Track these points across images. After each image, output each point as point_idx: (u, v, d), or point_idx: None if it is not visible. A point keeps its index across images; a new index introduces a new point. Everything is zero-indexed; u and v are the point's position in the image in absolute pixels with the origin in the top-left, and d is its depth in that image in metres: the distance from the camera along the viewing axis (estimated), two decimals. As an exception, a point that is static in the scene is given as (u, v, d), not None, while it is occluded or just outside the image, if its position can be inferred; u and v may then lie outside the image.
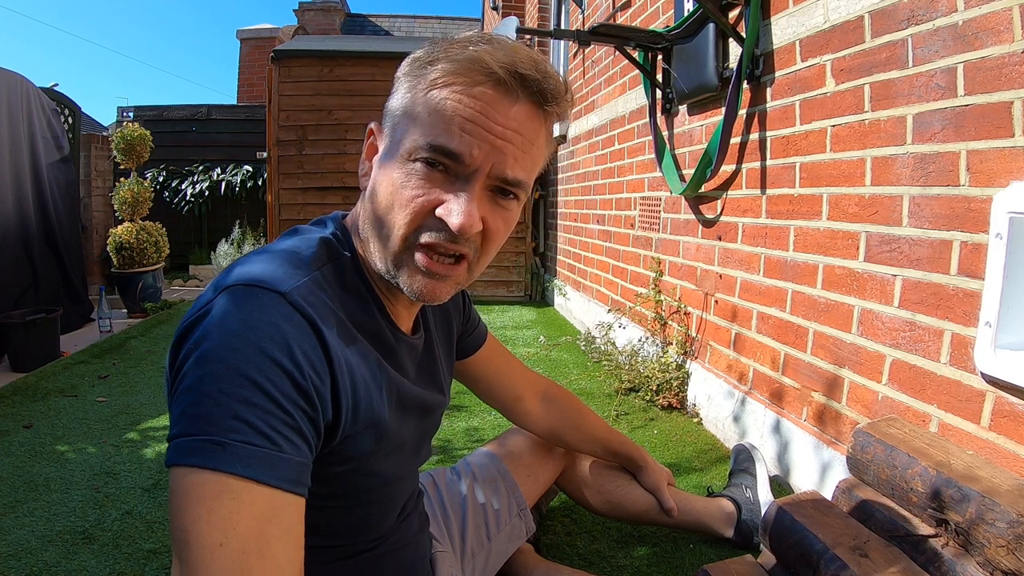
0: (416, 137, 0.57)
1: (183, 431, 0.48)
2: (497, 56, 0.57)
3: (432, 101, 0.57)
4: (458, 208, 0.56)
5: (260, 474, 0.48)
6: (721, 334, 1.94)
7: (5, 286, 3.01)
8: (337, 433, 0.58)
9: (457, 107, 0.56)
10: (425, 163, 0.57)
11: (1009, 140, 0.98)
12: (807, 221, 1.51)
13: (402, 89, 0.61)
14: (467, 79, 0.57)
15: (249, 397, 0.49)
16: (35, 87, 3.48)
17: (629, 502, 1.23)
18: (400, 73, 0.63)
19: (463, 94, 0.56)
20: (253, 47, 9.12)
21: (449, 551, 0.97)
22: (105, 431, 1.94)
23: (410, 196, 0.57)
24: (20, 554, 1.25)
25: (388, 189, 0.59)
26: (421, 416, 0.75)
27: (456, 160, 0.57)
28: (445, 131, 0.56)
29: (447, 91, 0.57)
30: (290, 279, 0.56)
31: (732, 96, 1.68)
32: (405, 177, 0.58)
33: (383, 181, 0.60)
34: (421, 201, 0.57)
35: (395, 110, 0.61)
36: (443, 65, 0.58)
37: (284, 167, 4.52)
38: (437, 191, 0.57)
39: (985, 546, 0.82)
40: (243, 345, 0.50)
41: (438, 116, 0.57)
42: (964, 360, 1.06)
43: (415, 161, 0.57)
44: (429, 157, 0.57)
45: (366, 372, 0.62)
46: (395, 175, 0.59)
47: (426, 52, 0.60)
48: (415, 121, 0.58)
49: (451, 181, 0.58)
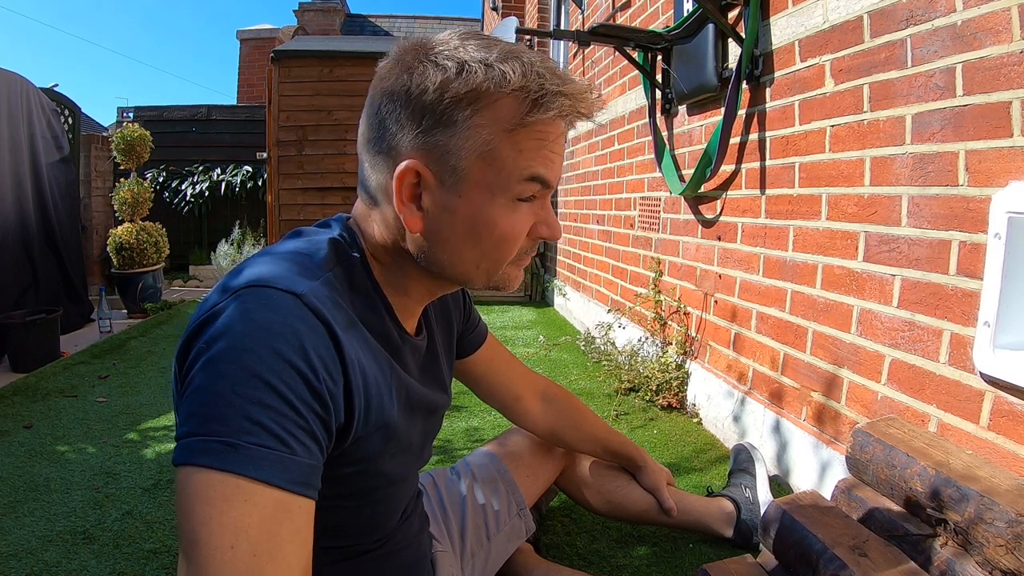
0: (517, 175, 0.59)
1: (193, 430, 0.48)
2: (572, 97, 0.58)
3: (521, 141, 0.58)
4: (550, 224, 0.64)
5: (272, 476, 0.48)
6: (721, 334, 1.94)
7: (5, 286, 3.02)
8: (349, 435, 0.58)
9: (545, 143, 0.60)
10: (527, 200, 0.61)
11: (1008, 140, 0.98)
12: (806, 221, 1.51)
13: (465, 128, 0.57)
14: (550, 119, 0.59)
15: (263, 399, 0.48)
16: (35, 87, 3.48)
17: (629, 502, 1.23)
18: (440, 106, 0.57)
19: (548, 130, 0.60)
20: (253, 47, 9.12)
21: (449, 551, 0.97)
22: (105, 431, 1.94)
23: (521, 230, 0.62)
24: (20, 554, 1.25)
25: (491, 228, 0.61)
26: (426, 416, 0.76)
27: (546, 186, 0.62)
28: (541, 165, 0.60)
29: (532, 130, 0.58)
30: (304, 281, 0.56)
31: (731, 96, 1.69)
32: (513, 215, 0.61)
33: (475, 221, 0.60)
34: (527, 230, 0.63)
35: (465, 151, 0.57)
36: (522, 104, 0.57)
37: (284, 167, 4.52)
38: (532, 217, 0.63)
39: (984, 545, 0.82)
40: (257, 346, 0.50)
41: (533, 155, 0.59)
42: (963, 360, 1.06)
43: (519, 200, 0.61)
44: (531, 192, 0.61)
45: (377, 373, 0.62)
46: (495, 214, 0.60)
47: (483, 86, 0.56)
48: (507, 160, 0.58)
49: (535, 203, 0.63)
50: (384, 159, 0.61)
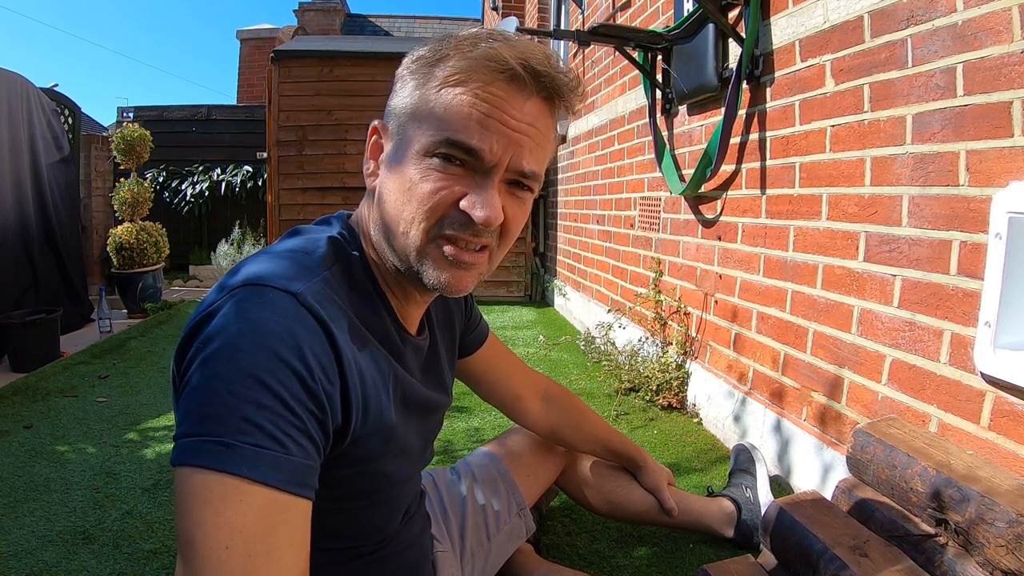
0: (432, 134, 0.57)
1: (190, 430, 0.48)
2: (512, 52, 0.57)
3: (446, 98, 0.57)
4: (482, 201, 0.57)
5: (268, 476, 0.47)
6: (721, 334, 1.94)
7: (5, 286, 3.01)
8: (347, 436, 0.58)
9: (475, 103, 0.56)
10: (443, 158, 0.57)
11: (1008, 140, 0.98)
12: (807, 221, 1.51)
13: (408, 87, 0.60)
14: (483, 76, 0.57)
15: (259, 399, 0.48)
16: (35, 87, 3.48)
17: (630, 502, 1.23)
18: (403, 71, 0.62)
19: (479, 90, 0.57)
20: (253, 47, 9.12)
21: (449, 551, 0.97)
22: (105, 431, 1.94)
23: (431, 189, 0.58)
24: (20, 554, 1.25)
25: (404, 185, 0.59)
26: (427, 417, 0.75)
27: (475, 156, 0.57)
28: (463, 128, 0.56)
29: (461, 88, 0.57)
30: (301, 279, 0.56)
31: (732, 96, 1.68)
32: (423, 172, 0.58)
33: (396, 178, 0.60)
34: (444, 194, 0.58)
35: (403, 108, 0.61)
36: (456, 62, 0.57)
37: (284, 167, 4.52)
38: (458, 185, 0.58)
39: (985, 546, 0.82)
40: (253, 346, 0.50)
41: (455, 113, 0.57)
42: (964, 360, 1.06)
43: (432, 157, 0.58)
44: (447, 152, 0.57)
45: (375, 374, 0.61)
46: (410, 171, 0.58)
47: (432, 50, 0.60)
48: (429, 118, 0.58)
49: (470, 176, 0.58)
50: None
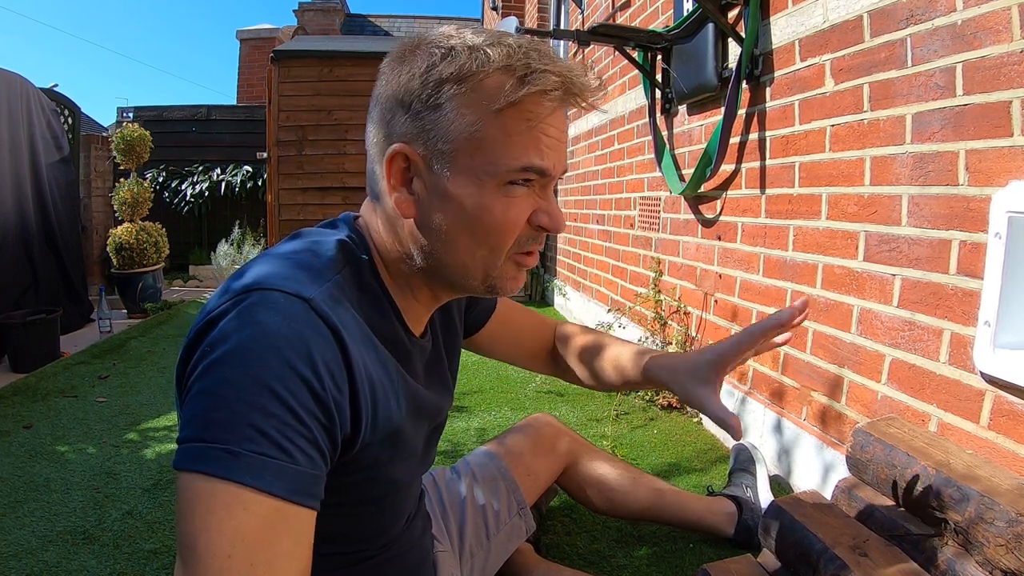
0: (507, 161, 0.57)
1: (195, 435, 0.47)
2: (564, 78, 0.57)
3: (508, 123, 0.57)
4: (551, 214, 0.62)
5: (273, 486, 0.47)
6: (721, 334, 1.94)
7: (5, 286, 3.01)
8: (356, 444, 0.57)
9: (532, 124, 0.57)
10: (521, 184, 0.59)
11: (1008, 140, 0.98)
12: (806, 221, 1.51)
13: (448, 111, 0.57)
14: (535, 97, 0.57)
15: (266, 406, 0.47)
16: (35, 88, 3.48)
17: (630, 501, 1.23)
18: (427, 92, 0.57)
19: (537, 110, 0.57)
20: (253, 47, 9.12)
21: (449, 551, 0.97)
22: (105, 431, 1.94)
23: (513, 219, 0.60)
24: (20, 554, 1.25)
25: (477, 216, 0.58)
26: (432, 419, 0.75)
27: (543, 176, 0.60)
28: (535, 152, 0.58)
29: (521, 110, 0.57)
30: (312, 284, 0.55)
31: (731, 96, 1.69)
32: (504, 203, 0.59)
33: (458, 209, 0.58)
34: (521, 219, 0.61)
35: (448, 135, 0.57)
36: (508, 82, 0.56)
37: (284, 167, 4.52)
38: (527, 204, 0.61)
39: (984, 545, 0.82)
40: (264, 352, 0.49)
41: (523, 138, 0.57)
42: (963, 359, 1.06)
43: (509, 184, 0.59)
44: (525, 178, 0.59)
45: (385, 380, 0.61)
46: (487, 201, 0.58)
47: (466, 68, 0.56)
48: (494, 145, 0.57)
49: (535, 191, 0.61)
50: (381, 150, 0.61)
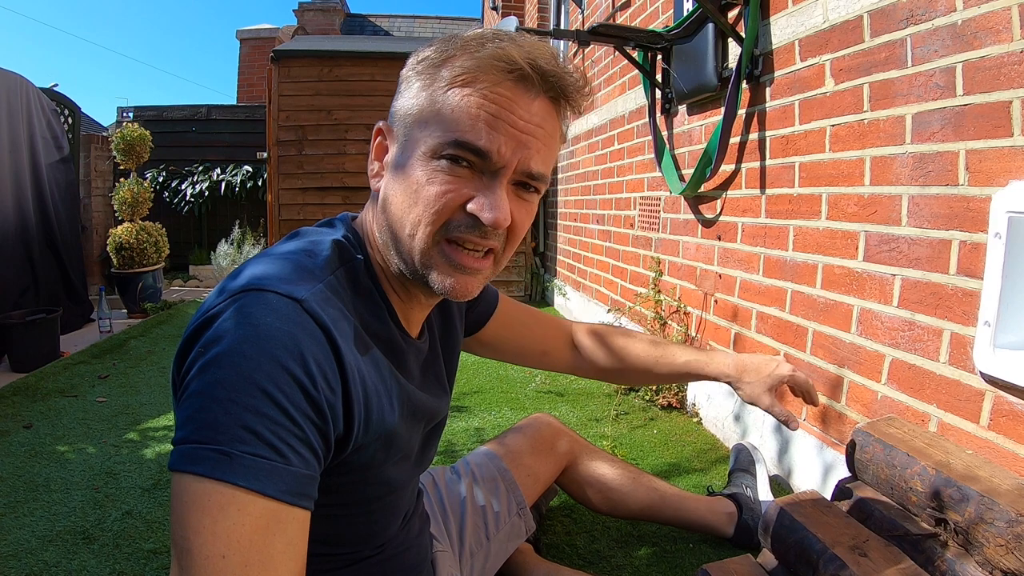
0: (439, 135, 0.57)
1: (189, 436, 0.48)
2: (519, 52, 0.56)
3: (453, 99, 0.56)
4: (490, 203, 0.57)
5: (266, 487, 0.47)
6: (721, 334, 1.94)
7: (5, 286, 3.01)
8: (348, 444, 0.57)
9: (483, 104, 0.56)
10: (450, 160, 0.57)
11: (1008, 140, 0.98)
12: (806, 221, 1.51)
13: (414, 88, 0.60)
14: (490, 76, 0.56)
15: (259, 407, 0.48)
16: (35, 87, 3.48)
17: (630, 501, 1.23)
18: (408, 72, 0.61)
19: (487, 91, 0.56)
20: (253, 47, 9.12)
21: (448, 550, 0.97)
22: (105, 431, 1.94)
23: (438, 192, 0.57)
24: (20, 554, 1.25)
25: (410, 188, 0.58)
26: (428, 421, 0.75)
27: (483, 157, 0.57)
28: (471, 129, 0.56)
29: (469, 89, 0.56)
30: (305, 285, 0.55)
31: (731, 96, 1.68)
32: (429, 174, 0.57)
33: (401, 181, 0.59)
34: (451, 196, 0.57)
35: (408, 109, 0.60)
36: (463, 62, 0.57)
37: (284, 167, 4.51)
38: (465, 187, 0.57)
39: (984, 545, 0.82)
40: (256, 352, 0.49)
41: (462, 114, 0.56)
42: (963, 359, 1.06)
43: (439, 159, 0.57)
44: (455, 154, 0.56)
45: (378, 381, 0.61)
46: (417, 173, 0.58)
47: (438, 50, 0.59)
48: (435, 120, 0.57)
49: (477, 177, 0.58)
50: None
